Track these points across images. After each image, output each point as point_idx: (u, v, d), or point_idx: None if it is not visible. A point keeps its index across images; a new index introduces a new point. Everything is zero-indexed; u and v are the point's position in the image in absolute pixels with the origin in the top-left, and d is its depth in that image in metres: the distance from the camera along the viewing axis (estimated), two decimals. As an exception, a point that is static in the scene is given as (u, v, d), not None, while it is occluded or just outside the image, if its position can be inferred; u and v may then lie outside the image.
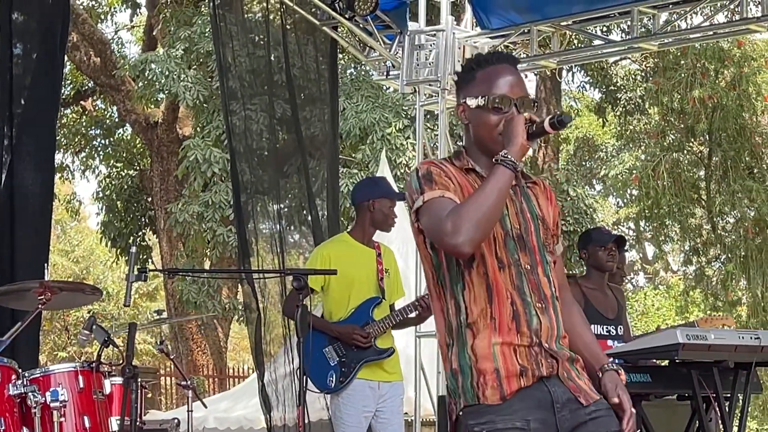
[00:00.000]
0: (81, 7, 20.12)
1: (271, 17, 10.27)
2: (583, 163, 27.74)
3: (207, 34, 16.33)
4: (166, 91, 17.25)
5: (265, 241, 9.41)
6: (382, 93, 16.98)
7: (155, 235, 21.18)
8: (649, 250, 30.77)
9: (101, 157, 22.18)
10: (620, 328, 7.21)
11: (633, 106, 21.90)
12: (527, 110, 3.54)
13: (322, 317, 6.84)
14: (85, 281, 25.10)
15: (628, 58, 21.31)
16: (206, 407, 9.58)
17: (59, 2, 8.62)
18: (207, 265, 18.90)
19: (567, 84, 23.46)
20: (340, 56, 14.83)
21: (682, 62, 19.05)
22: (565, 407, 3.46)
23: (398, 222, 6.92)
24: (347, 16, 9.34)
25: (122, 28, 24.41)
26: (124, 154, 21.96)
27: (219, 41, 9.46)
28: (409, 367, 9.21)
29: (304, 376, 5.99)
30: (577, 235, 11.56)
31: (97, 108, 22.81)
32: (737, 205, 19.93)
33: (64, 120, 21.85)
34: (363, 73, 17.45)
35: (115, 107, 21.18)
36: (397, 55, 9.76)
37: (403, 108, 16.45)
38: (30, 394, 5.90)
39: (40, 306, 6.41)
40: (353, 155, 16.59)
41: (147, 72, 16.86)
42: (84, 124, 22.43)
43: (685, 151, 20.79)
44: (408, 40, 9.64)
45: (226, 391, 17.54)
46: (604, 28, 15.50)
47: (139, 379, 5.98)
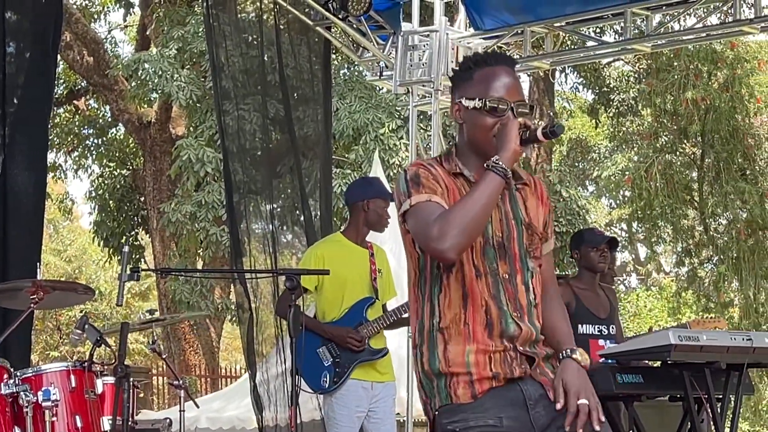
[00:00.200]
0: (74, 6, 20.09)
1: (264, 17, 10.26)
2: (576, 164, 27.78)
3: (200, 34, 16.31)
4: (159, 91, 17.24)
5: (258, 241, 9.40)
6: (375, 93, 16.98)
7: (148, 235, 21.16)
8: (642, 252, 30.81)
9: (94, 156, 22.14)
10: (612, 328, 7.22)
11: (626, 107, 21.92)
12: (523, 115, 3.53)
13: (315, 317, 6.83)
14: (77, 281, 25.07)
15: (621, 60, 21.34)
16: (198, 407, 9.59)
17: (52, 1, 8.61)
18: (200, 264, 18.89)
19: (560, 85, 23.49)
20: (334, 56, 14.81)
21: (675, 64, 19.07)
22: (538, 404, 3.46)
23: (391, 222, 6.92)
24: (341, 16, 9.34)
25: (115, 27, 24.40)
26: (117, 154, 21.92)
27: (212, 41, 9.45)
28: (402, 368, 9.21)
29: (296, 376, 5.99)
30: (569, 236, 11.56)
31: (90, 107, 22.78)
32: (730, 207, 19.95)
33: (57, 119, 21.81)
34: (356, 73, 17.45)
35: (108, 107, 21.15)
36: (390, 56, 9.76)
37: (397, 108, 16.46)
38: (22, 393, 5.89)
39: (32, 305, 6.40)
40: (346, 155, 16.59)
41: (140, 71, 16.84)
42: (77, 123, 22.39)
43: (677, 153, 20.81)
44: (401, 41, 9.64)
45: (219, 391, 17.52)
46: (597, 30, 15.56)
47: (131, 379, 5.97)
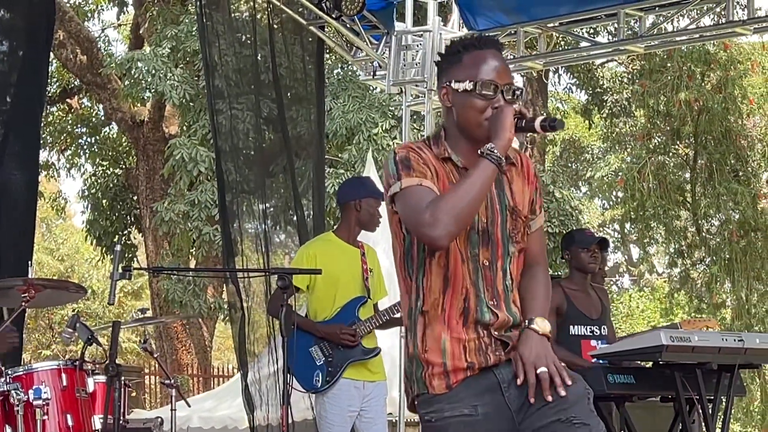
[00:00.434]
0: (68, 4, 20.06)
1: (258, 16, 10.26)
2: (569, 164, 27.81)
3: (194, 33, 16.30)
4: (153, 90, 17.21)
5: (251, 241, 9.40)
6: (368, 93, 16.96)
7: (140, 234, 21.14)
8: (634, 252, 30.85)
9: (87, 155, 22.11)
10: (604, 329, 7.22)
11: (619, 108, 21.94)
12: (512, 97, 3.53)
13: (307, 317, 6.83)
14: (69, 279, 25.04)
15: (615, 60, 21.35)
16: (189, 406, 9.57)
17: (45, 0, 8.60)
18: (192, 264, 18.87)
19: (553, 86, 23.51)
20: (327, 56, 14.81)
21: (668, 65, 19.09)
22: (511, 385, 3.46)
23: (383, 222, 6.92)
24: (334, 15, 9.33)
25: (109, 26, 24.39)
26: (110, 153, 21.89)
27: (205, 40, 9.43)
28: (394, 368, 9.20)
29: (288, 375, 5.99)
30: (561, 236, 11.55)
31: (83, 106, 22.75)
32: (722, 208, 19.99)
33: (50, 118, 21.78)
34: (350, 73, 17.43)
35: (101, 105, 21.12)
36: (383, 56, 9.76)
37: (390, 108, 16.45)
38: (13, 392, 5.88)
39: (23, 303, 6.39)
40: (339, 155, 16.58)
41: (133, 70, 16.81)
42: (70, 122, 22.36)
43: (670, 154, 20.84)
44: (395, 41, 9.64)
45: (211, 390, 17.51)
46: (590, 30, 15.59)
47: (123, 378, 5.97)
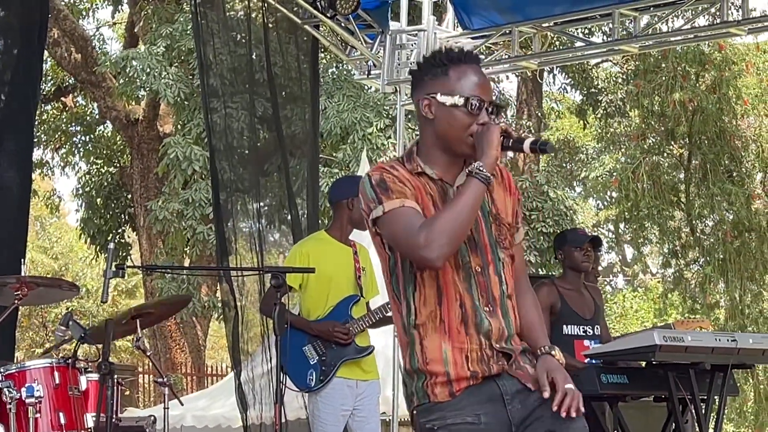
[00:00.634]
0: (62, 3, 20.05)
1: (252, 15, 10.25)
2: (564, 164, 27.80)
3: (188, 32, 16.29)
4: (147, 89, 17.21)
5: (245, 240, 9.39)
6: (363, 92, 16.96)
7: (135, 233, 21.13)
8: (628, 252, 30.87)
9: (81, 153, 22.11)
10: (597, 328, 7.23)
11: (614, 108, 21.97)
12: (495, 115, 3.54)
13: (300, 315, 6.83)
14: (63, 278, 25.01)
15: (609, 61, 21.39)
16: (182, 404, 9.56)
17: (39, -2, 8.59)
18: (186, 263, 18.87)
19: (548, 86, 23.54)
20: (322, 55, 14.81)
21: (662, 65, 19.10)
22: (515, 399, 3.48)
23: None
24: (329, 14, 9.32)
25: (104, 24, 24.38)
26: (105, 151, 21.89)
27: (200, 39, 9.42)
28: (388, 367, 9.22)
29: (282, 374, 5.99)
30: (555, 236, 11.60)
31: (77, 104, 22.75)
32: (716, 209, 20.00)
33: (45, 116, 21.78)
34: (344, 72, 17.44)
35: (95, 104, 21.12)
36: (378, 55, 9.76)
37: (384, 108, 16.45)
38: (5, 389, 5.88)
39: (16, 301, 6.38)
40: (334, 154, 16.58)
41: (128, 69, 16.82)
42: (64, 120, 22.35)
43: (665, 154, 20.85)
44: (389, 40, 9.64)
45: (205, 389, 17.50)
46: (585, 30, 15.60)
47: (116, 376, 5.96)
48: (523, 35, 9.89)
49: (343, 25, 9.60)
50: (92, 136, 22.28)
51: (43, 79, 19.76)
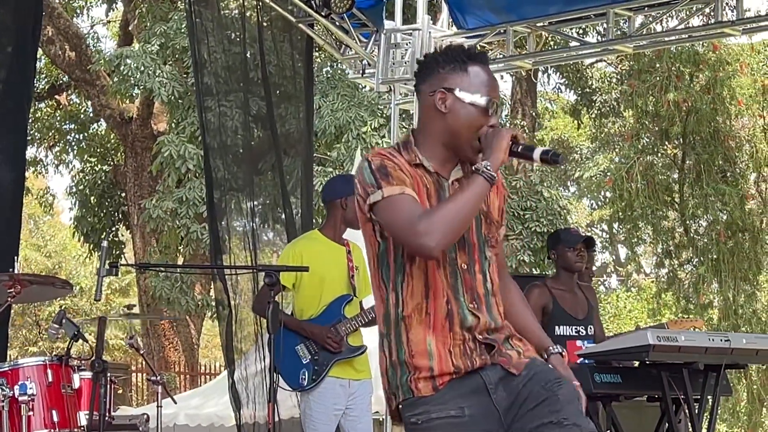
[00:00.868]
0: (57, 1, 20.02)
1: (247, 14, 10.25)
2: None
3: (183, 30, 16.28)
4: (141, 87, 17.18)
5: (239, 239, 9.38)
6: (357, 91, 16.95)
7: (128, 231, 21.12)
8: (622, 252, 30.88)
9: (75, 151, 22.09)
10: (590, 328, 7.22)
11: (608, 108, 21.97)
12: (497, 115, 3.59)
13: (293, 315, 6.82)
14: (56, 276, 24.96)
15: (604, 61, 21.40)
16: (176, 403, 9.55)
17: (33, -4, 8.58)
18: (180, 261, 18.84)
19: (542, 85, 23.51)
20: (316, 54, 14.79)
21: (657, 65, 19.12)
22: (498, 387, 3.49)
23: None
24: (323, 13, 9.31)
25: (98, 22, 24.34)
26: (98, 149, 21.86)
27: (194, 37, 9.41)
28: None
29: (274, 373, 5.98)
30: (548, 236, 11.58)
31: (71, 102, 22.72)
32: (710, 209, 20.02)
33: (39, 114, 21.75)
34: (339, 71, 17.43)
35: (89, 102, 21.10)
36: (372, 54, 9.75)
37: (379, 107, 16.44)
38: (-2, 387, 5.88)
39: (9, 299, 6.38)
40: (328, 153, 16.57)
41: (122, 67, 16.79)
42: (58, 118, 22.33)
43: (659, 154, 20.87)
44: (384, 39, 9.63)
45: (198, 388, 17.49)
46: (580, 30, 15.60)
47: (109, 374, 5.96)
48: (518, 35, 9.89)
49: (337, 23, 9.59)
50: (86, 134, 22.25)
51: (37, 77, 19.77)
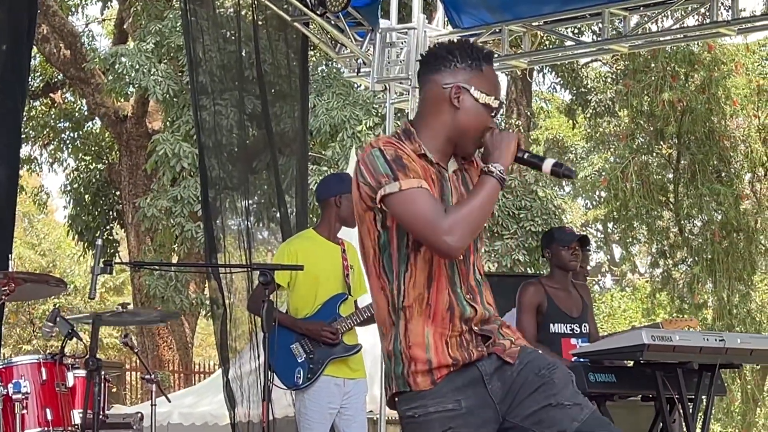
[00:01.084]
0: (52, -1, 20.00)
1: (242, 13, 10.23)
2: (553, 164, 27.78)
3: (178, 29, 16.27)
4: (136, 85, 17.18)
5: (233, 238, 9.37)
6: (352, 90, 16.96)
7: (123, 230, 21.10)
8: (617, 252, 30.89)
9: (70, 150, 22.07)
10: (585, 327, 7.22)
11: (603, 108, 21.98)
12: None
13: (287, 313, 6.81)
14: (51, 274, 24.95)
15: (599, 60, 21.40)
16: (170, 401, 9.55)
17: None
18: (175, 260, 18.83)
19: (538, 85, 23.58)
20: (312, 53, 14.80)
21: (652, 65, 19.13)
22: (493, 377, 3.52)
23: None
24: (319, 12, 9.30)
25: (93, 20, 24.30)
26: (93, 148, 21.85)
27: (189, 36, 9.40)
28: (376, 365, 9.19)
29: (269, 371, 5.97)
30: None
31: (66, 101, 22.69)
32: (705, 209, 20.04)
33: (33, 112, 21.73)
34: (334, 70, 17.43)
35: (84, 100, 21.07)
36: (368, 53, 9.74)
37: (374, 106, 16.44)
38: (-8, 385, 5.87)
39: (3, 297, 6.36)
40: (323, 152, 16.58)
41: (117, 65, 16.79)
42: (53, 116, 22.31)
43: (654, 154, 20.88)
44: (379, 38, 9.62)
45: (192, 386, 17.48)
46: (575, 30, 15.61)
47: (103, 373, 5.95)
48: (513, 34, 9.89)
49: (332, 22, 9.58)
50: (81, 132, 22.23)
51: (32, 75, 19.76)
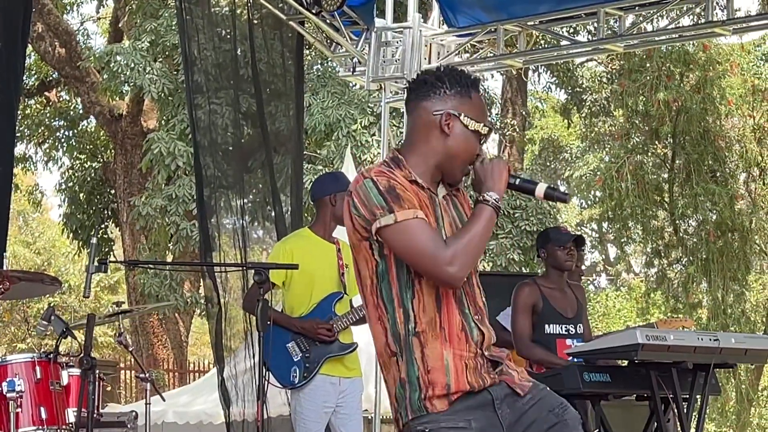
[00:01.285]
0: (47, -3, 19.99)
1: (237, 11, 10.22)
2: (548, 164, 27.86)
3: (173, 27, 16.26)
4: (131, 84, 17.18)
5: (228, 236, 9.36)
6: (348, 89, 16.95)
7: (118, 228, 21.09)
8: (612, 252, 30.91)
9: (65, 148, 22.03)
10: (580, 327, 7.22)
11: (598, 107, 22.00)
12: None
13: (283, 312, 6.81)
14: (45, 272, 24.93)
15: (594, 60, 21.40)
16: (164, 400, 9.55)
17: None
18: (169, 259, 18.82)
19: (533, 84, 23.53)
20: (307, 52, 14.79)
21: (647, 65, 19.14)
22: (503, 403, 3.54)
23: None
24: (314, 11, 9.30)
25: (88, 19, 24.32)
26: (88, 146, 21.83)
27: (185, 34, 9.39)
28: (371, 364, 9.20)
29: (264, 370, 5.97)
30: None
31: (61, 99, 22.67)
32: (699, 208, 20.05)
33: (28, 111, 21.71)
34: (329, 69, 17.43)
35: (79, 99, 21.05)
36: (363, 52, 9.74)
37: (369, 105, 16.45)
38: (-14, 384, 5.86)
39: (-2, 296, 6.36)
40: (318, 151, 16.58)
41: (112, 64, 16.77)
42: (48, 115, 22.28)
43: (649, 154, 20.89)
44: (374, 37, 9.62)
45: (186, 385, 17.46)
46: (570, 29, 15.61)
47: (98, 371, 5.94)
48: (509, 33, 9.89)
49: (328, 21, 9.58)
50: (75, 131, 22.20)
51: (27, 73, 19.73)
